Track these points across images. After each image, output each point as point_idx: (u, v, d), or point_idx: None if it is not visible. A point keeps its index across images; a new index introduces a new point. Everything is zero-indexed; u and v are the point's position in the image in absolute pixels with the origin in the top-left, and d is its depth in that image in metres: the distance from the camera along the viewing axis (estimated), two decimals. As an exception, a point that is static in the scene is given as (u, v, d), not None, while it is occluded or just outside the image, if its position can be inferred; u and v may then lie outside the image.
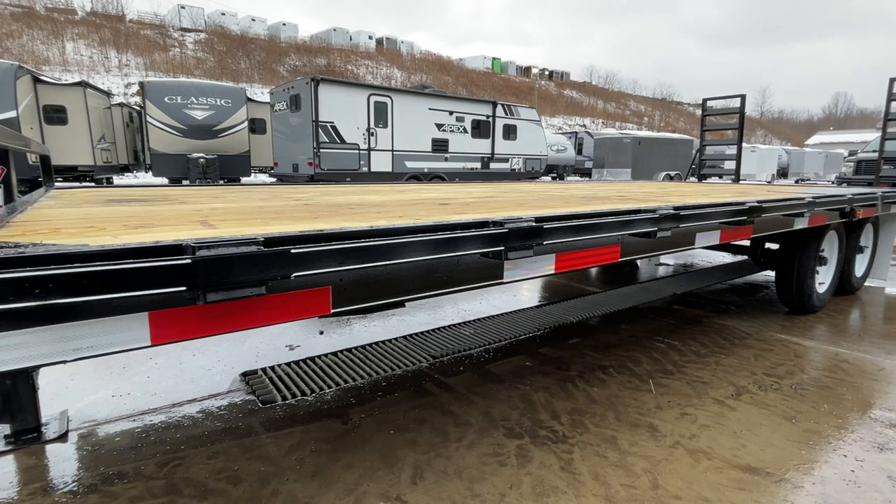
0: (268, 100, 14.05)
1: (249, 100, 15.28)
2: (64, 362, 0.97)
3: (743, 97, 7.74)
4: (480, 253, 1.40)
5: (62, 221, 1.50)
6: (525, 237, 1.48)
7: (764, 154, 27.25)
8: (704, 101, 8.42)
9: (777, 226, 3.01)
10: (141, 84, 14.26)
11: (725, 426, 2.36)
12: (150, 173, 14.36)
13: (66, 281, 0.87)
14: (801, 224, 3.13)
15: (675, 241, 2.20)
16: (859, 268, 4.89)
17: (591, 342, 3.47)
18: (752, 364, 3.11)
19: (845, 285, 4.65)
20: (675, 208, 1.99)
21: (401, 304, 1.59)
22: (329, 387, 2.71)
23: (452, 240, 1.30)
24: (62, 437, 2.18)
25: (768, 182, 23.29)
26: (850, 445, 2.21)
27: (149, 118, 13.10)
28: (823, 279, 4.27)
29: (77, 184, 12.58)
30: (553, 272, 1.72)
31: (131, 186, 3.93)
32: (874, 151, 14.54)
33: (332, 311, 1.25)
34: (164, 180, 13.36)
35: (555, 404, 2.57)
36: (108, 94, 15.97)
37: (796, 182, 25.72)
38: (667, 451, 2.14)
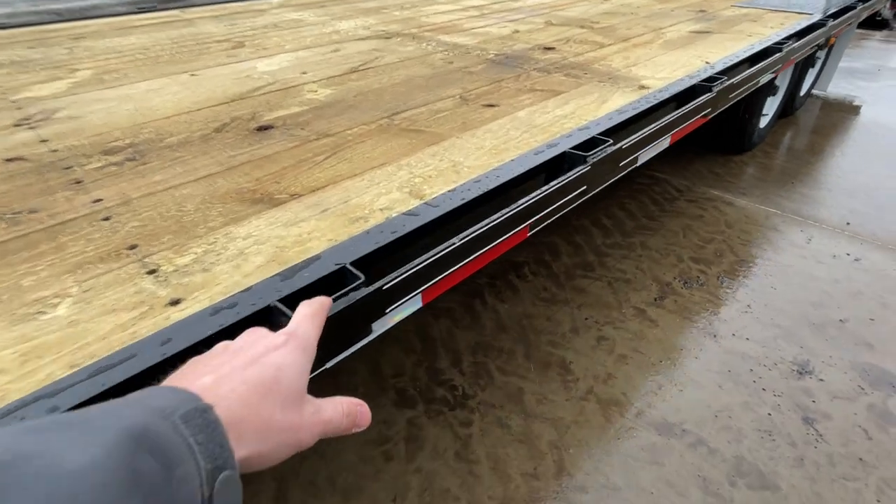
0: None
1: None
2: None
3: None
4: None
5: None
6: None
7: None
8: None
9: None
10: None
11: (644, 356, 2.08)
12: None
13: None
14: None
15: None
16: (806, 84, 4.38)
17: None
18: (681, 243, 2.78)
19: (787, 109, 4.20)
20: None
21: None
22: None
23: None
24: None
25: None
26: (779, 381, 2.02)
27: None
28: (769, 110, 3.77)
29: None
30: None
31: None
32: None
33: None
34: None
35: (457, 337, 2.18)
36: None
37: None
38: (577, 408, 1.87)
